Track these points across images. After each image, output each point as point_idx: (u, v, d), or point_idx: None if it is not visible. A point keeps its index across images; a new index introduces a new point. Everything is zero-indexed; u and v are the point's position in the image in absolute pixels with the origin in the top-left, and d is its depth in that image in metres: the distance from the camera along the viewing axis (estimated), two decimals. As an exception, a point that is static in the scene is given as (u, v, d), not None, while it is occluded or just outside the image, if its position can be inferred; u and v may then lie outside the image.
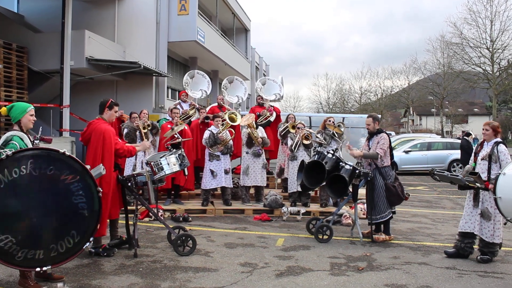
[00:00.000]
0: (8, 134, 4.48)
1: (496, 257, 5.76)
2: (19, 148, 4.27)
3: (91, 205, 4.39)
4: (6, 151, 3.99)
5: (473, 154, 6.06)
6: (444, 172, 5.96)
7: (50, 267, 4.23)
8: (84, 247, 4.42)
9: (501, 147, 5.65)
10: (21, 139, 4.46)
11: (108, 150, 5.51)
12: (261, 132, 9.25)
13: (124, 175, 6.04)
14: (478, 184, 5.44)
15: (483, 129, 5.87)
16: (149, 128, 8.94)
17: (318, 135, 8.88)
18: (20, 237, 4.02)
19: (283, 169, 9.38)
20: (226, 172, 8.81)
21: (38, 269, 4.15)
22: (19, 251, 4.02)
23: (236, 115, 8.86)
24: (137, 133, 8.90)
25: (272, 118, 10.37)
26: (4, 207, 3.98)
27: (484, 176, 5.57)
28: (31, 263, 4.12)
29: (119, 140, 5.80)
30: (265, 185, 9.42)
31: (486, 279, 5.04)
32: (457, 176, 5.73)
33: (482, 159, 5.76)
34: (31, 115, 4.65)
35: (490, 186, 5.27)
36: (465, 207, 5.94)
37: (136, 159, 8.82)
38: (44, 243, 4.14)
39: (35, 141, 4.61)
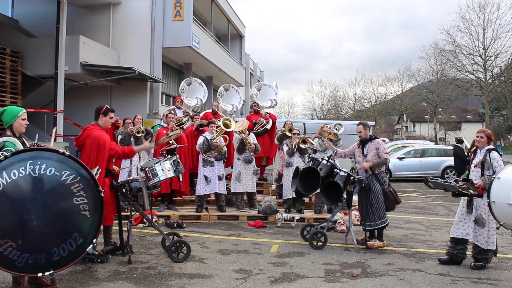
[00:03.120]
0: (0, 140, 4.43)
1: (490, 263, 5.78)
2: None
3: (93, 206, 4.32)
4: (3, 153, 3.91)
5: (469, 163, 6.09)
6: (437, 179, 5.95)
7: (52, 271, 4.15)
8: (87, 249, 4.34)
9: (494, 154, 5.66)
10: (14, 145, 4.41)
11: (102, 156, 5.49)
12: (252, 139, 9.25)
13: (119, 181, 6.02)
14: (471, 191, 5.46)
15: (477, 136, 5.84)
16: (143, 134, 8.92)
17: (315, 141, 8.90)
18: (20, 241, 3.93)
19: (281, 174, 9.36)
20: (219, 178, 8.80)
21: (40, 274, 4.07)
22: (20, 256, 3.92)
23: (230, 121, 8.88)
24: (132, 138, 8.89)
25: (268, 126, 10.37)
26: (3, 210, 3.87)
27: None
28: (32, 269, 4.03)
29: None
30: (255, 191, 9.41)
31: (479, 285, 5.05)
32: (450, 183, 5.72)
33: (475, 166, 5.79)
34: (23, 119, 4.58)
35: (481, 183, 5.31)
36: (457, 213, 5.96)
37: (131, 164, 8.80)
38: (45, 247, 4.04)
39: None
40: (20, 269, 3.99)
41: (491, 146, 5.80)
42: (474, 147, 6.01)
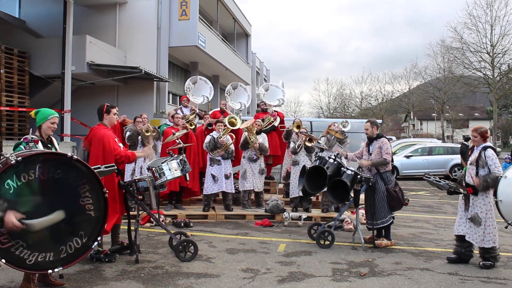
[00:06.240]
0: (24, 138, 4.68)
1: (499, 262, 5.73)
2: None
3: (98, 206, 4.49)
4: (14, 157, 3.99)
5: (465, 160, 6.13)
6: (430, 177, 6.05)
7: (61, 268, 4.28)
8: (92, 246, 4.50)
9: (489, 152, 5.63)
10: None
11: (108, 154, 5.51)
12: (262, 138, 9.21)
13: (123, 180, 6.03)
14: (461, 190, 5.59)
15: (471, 135, 5.91)
16: (153, 134, 8.90)
17: (322, 139, 8.87)
18: (30, 241, 4.08)
19: (289, 172, 9.31)
20: (226, 177, 8.80)
21: (50, 271, 4.23)
22: (30, 255, 4.08)
23: (236, 120, 8.87)
24: (139, 137, 8.89)
25: (276, 123, 10.36)
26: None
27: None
28: (42, 266, 4.18)
29: (120, 145, 5.78)
30: (261, 190, 9.38)
31: (488, 285, 5.01)
32: (439, 182, 5.88)
33: (470, 164, 5.80)
34: (52, 123, 4.86)
35: (477, 181, 5.43)
36: (458, 210, 5.97)
37: (135, 164, 8.80)
38: (53, 245, 4.22)
39: (29, 143, 4.58)
40: (31, 267, 4.14)
41: (487, 144, 5.79)
42: (471, 145, 6.02)
